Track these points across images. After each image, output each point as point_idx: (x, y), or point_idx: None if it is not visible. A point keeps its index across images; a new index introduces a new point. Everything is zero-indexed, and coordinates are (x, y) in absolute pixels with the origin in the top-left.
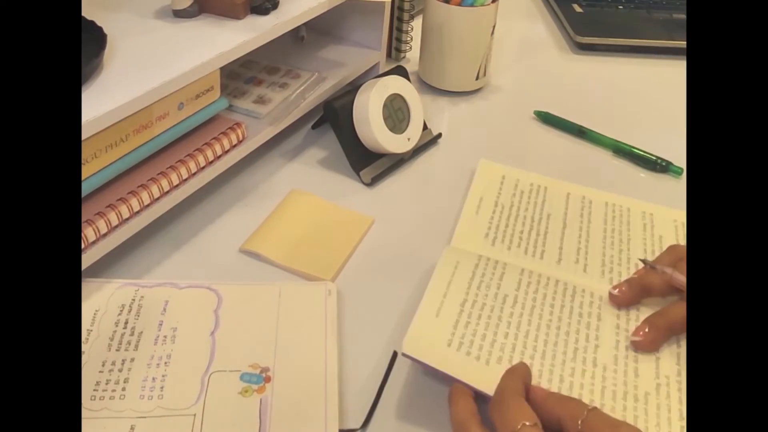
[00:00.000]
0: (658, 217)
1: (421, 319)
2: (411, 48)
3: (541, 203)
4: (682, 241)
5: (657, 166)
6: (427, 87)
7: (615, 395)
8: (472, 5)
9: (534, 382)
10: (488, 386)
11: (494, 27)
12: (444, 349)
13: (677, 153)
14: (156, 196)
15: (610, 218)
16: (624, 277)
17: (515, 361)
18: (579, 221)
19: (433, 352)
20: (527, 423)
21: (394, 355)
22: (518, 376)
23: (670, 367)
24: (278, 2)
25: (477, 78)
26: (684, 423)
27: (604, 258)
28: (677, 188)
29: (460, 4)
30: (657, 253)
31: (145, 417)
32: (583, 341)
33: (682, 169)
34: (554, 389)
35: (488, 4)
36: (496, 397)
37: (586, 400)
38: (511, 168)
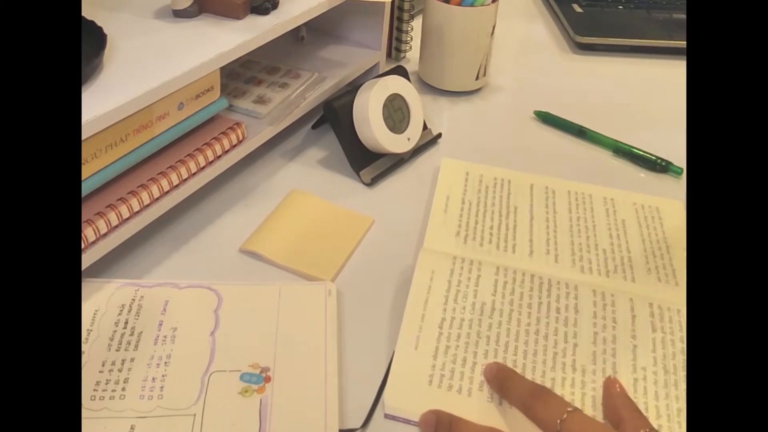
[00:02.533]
0: (619, 202)
1: (401, 361)
2: (411, 48)
3: (507, 196)
4: (643, 222)
5: (657, 166)
6: (427, 87)
7: (595, 401)
8: (472, 5)
9: None
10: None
11: (494, 27)
12: (425, 390)
13: (677, 153)
14: (156, 196)
15: (574, 206)
16: (594, 264)
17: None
18: (545, 212)
19: (416, 399)
20: (569, 409)
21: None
22: (520, 378)
23: (647, 357)
24: (278, 2)
25: (477, 78)
26: (660, 422)
27: (573, 246)
28: (677, 188)
29: (460, 4)
30: (621, 237)
31: (145, 417)
32: (562, 343)
33: (682, 169)
34: None
35: (488, 4)
36: (525, 396)
37: None
38: (473, 164)
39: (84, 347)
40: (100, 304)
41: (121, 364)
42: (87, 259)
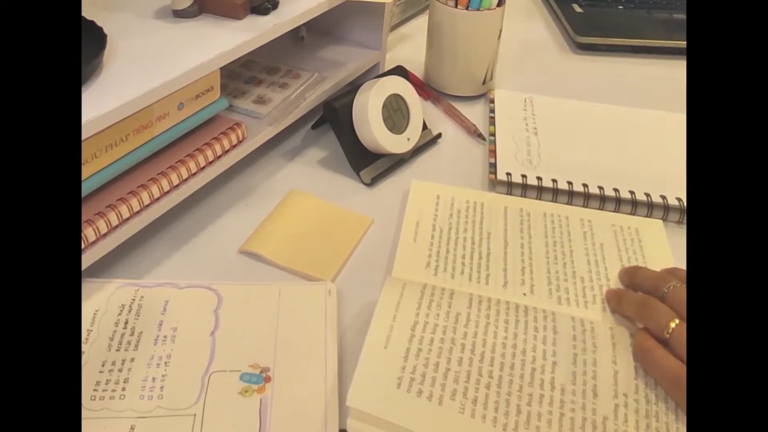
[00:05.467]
0: (596, 223)
1: (368, 359)
2: None
3: (480, 221)
4: (622, 246)
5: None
6: (432, 91)
7: (573, 423)
8: (478, 9)
9: (490, 415)
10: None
11: (501, 31)
12: (393, 394)
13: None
14: (156, 196)
15: (550, 230)
16: (571, 292)
17: (470, 394)
18: (519, 237)
19: (382, 401)
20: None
21: None
22: None
23: (628, 383)
24: (278, 2)
25: (484, 82)
26: None
27: (549, 275)
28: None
29: (466, 7)
30: (600, 263)
31: (145, 417)
32: (540, 359)
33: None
34: (511, 423)
35: (494, 8)
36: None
37: (543, 431)
38: (444, 186)
39: (84, 347)
40: (100, 304)
41: (121, 364)
42: (87, 259)
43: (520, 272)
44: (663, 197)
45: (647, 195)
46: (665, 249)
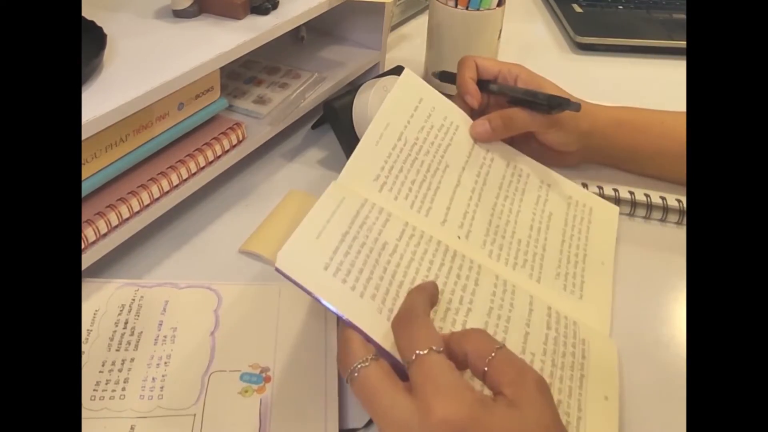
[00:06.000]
0: (554, 191)
1: (301, 237)
2: None
3: (445, 148)
4: (570, 221)
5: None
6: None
7: None
8: (478, 9)
9: None
10: (355, 316)
11: (501, 31)
12: (320, 272)
13: None
14: (156, 196)
15: (506, 182)
16: (504, 249)
17: (388, 302)
18: (474, 180)
19: (308, 273)
20: (434, 348)
21: None
22: (427, 294)
23: (537, 345)
24: (278, 2)
25: None
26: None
27: (489, 227)
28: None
29: (466, 7)
30: (542, 232)
31: (145, 417)
32: (456, 303)
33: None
34: None
35: (494, 8)
36: (403, 315)
37: None
38: (430, 89)
39: (84, 347)
40: (100, 304)
41: (121, 364)
42: (87, 259)
43: (461, 215)
44: (663, 198)
45: (647, 195)
46: (611, 235)
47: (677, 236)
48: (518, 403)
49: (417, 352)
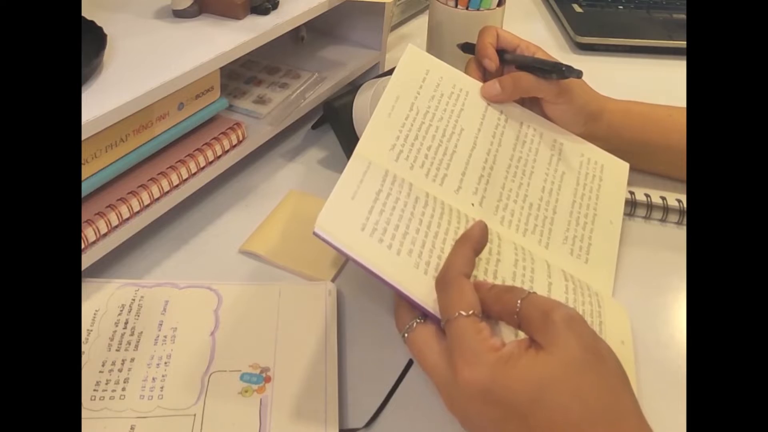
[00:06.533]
0: (567, 149)
1: (337, 200)
2: None
3: (458, 113)
4: (582, 179)
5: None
6: None
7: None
8: (478, 9)
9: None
10: (392, 275)
11: None
12: (357, 233)
13: None
14: (156, 196)
15: (520, 143)
16: (516, 215)
17: (425, 255)
18: (489, 143)
19: (346, 235)
20: (463, 313)
21: (410, 363)
22: (470, 245)
23: (559, 294)
24: (278, 2)
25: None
26: None
27: (502, 191)
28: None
29: (466, 7)
30: (553, 193)
31: (145, 417)
32: (486, 253)
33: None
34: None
35: (494, 8)
36: (440, 277)
37: None
38: (436, 61)
39: (84, 347)
40: (100, 304)
41: (121, 364)
42: (87, 259)
43: (476, 180)
44: (663, 198)
45: (647, 195)
46: (621, 193)
47: (677, 236)
48: (547, 346)
49: (449, 316)
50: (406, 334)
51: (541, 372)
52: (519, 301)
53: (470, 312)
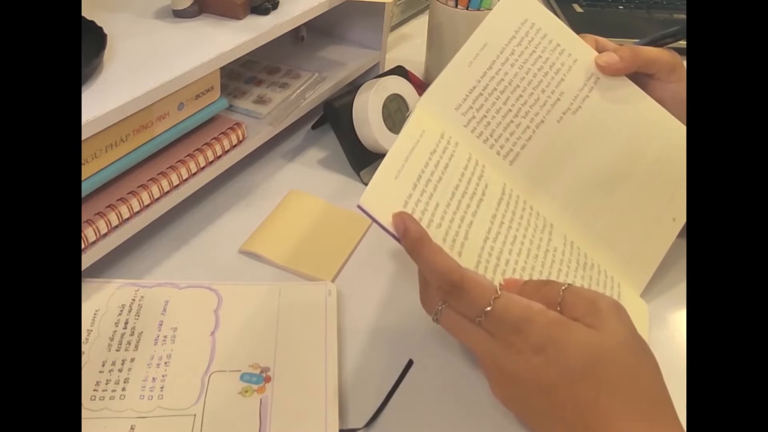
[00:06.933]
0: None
1: (382, 177)
2: None
3: (556, 83)
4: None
5: None
6: None
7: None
8: (478, 8)
9: (480, 265)
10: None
11: None
12: (399, 209)
13: None
14: (156, 196)
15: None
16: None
17: (461, 235)
18: (585, 127)
19: (388, 211)
20: (493, 298)
21: (410, 363)
22: (423, 246)
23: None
24: (278, 2)
25: None
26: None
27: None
28: None
29: (467, 7)
30: (639, 194)
31: (145, 417)
32: (523, 259)
33: None
34: (501, 269)
35: None
36: (444, 285)
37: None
38: (542, 9)
39: (84, 347)
40: (100, 304)
41: (121, 364)
42: (87, 259)
43: (551, 167)
44: None
45: None
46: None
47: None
48: (597, 326)
49: (481, 310)
50: (437, 316)
51: (594, 343)
52: (561, 291)
53: (498, 293)
